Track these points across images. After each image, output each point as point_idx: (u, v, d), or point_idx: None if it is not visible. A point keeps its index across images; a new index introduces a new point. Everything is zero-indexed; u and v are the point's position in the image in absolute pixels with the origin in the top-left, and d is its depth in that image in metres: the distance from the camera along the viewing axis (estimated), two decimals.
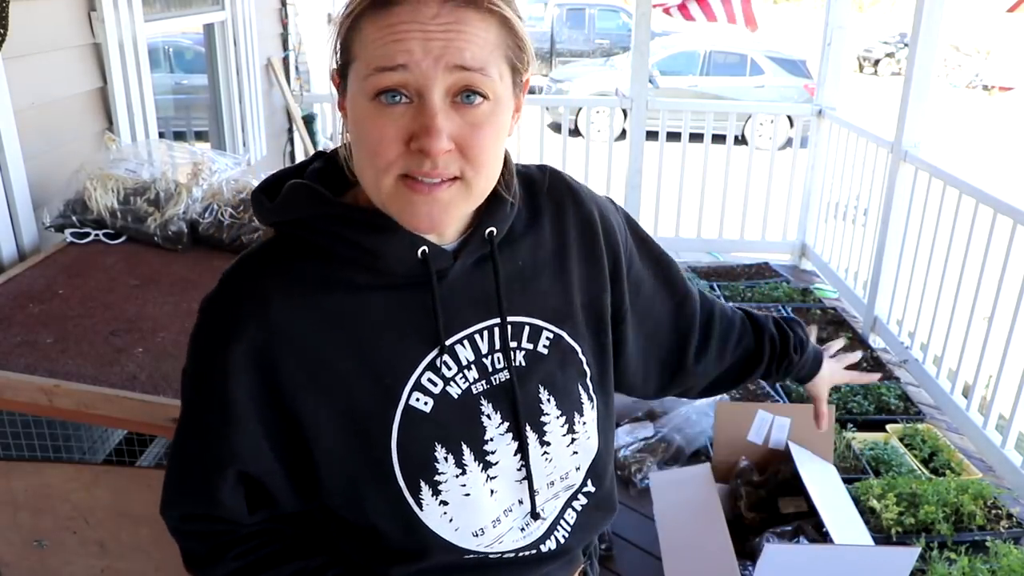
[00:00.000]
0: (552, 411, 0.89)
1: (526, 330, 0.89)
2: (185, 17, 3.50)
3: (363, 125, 0.75)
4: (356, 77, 0.75)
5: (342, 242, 0.80)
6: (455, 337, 0.85)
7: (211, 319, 0.82)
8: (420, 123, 0.72)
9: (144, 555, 1.66)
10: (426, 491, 0.83)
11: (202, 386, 0.83)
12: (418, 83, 0.72)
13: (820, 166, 4.54)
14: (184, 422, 0.87)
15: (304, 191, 0.82)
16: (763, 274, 4.39)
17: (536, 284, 0.90)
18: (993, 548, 2.15)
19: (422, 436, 0.83)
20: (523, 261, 0.89)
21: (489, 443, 0.86)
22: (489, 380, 0.86)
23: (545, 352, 0.90)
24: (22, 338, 1.68)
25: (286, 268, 0.82)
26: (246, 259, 0.84)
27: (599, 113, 9.55)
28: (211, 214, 2.25)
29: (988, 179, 3.39)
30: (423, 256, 0.81)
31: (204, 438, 0.84)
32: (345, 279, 0.81)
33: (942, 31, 3.35)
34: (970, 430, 2.90)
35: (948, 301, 3.16)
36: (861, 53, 19.33)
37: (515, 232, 0.89)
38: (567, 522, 0.95)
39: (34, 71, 2.26)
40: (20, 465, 1.64)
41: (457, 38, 0.72)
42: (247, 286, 0.82)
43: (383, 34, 0.72)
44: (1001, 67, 17.76)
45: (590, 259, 0.94)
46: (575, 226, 0.93)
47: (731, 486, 2.33)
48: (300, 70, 5.19)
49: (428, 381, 0.83)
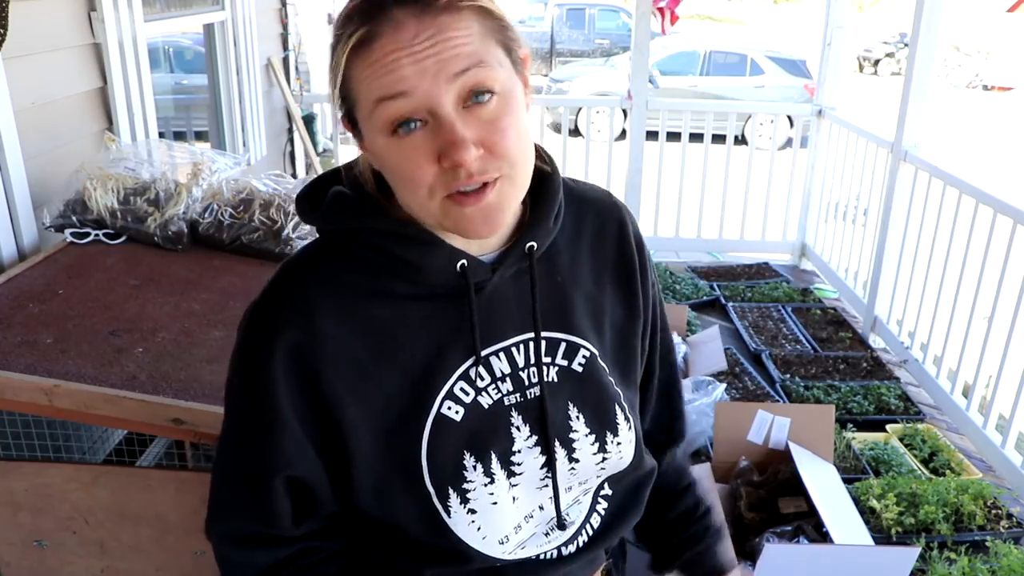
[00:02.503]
0: (581, 428, 0.89)
1: (562, 346, 0.89)
2: (185, 17, 3.50)
3: (391, 161, 0.76)
4: (365, 118, 0.77)
5: (384, 254, 0.82)
6: (491, 348, 0.85)
7: (258, 325, 0.83)
8: (443, 139, 0.73)
9: (144, 555, 1.66)
10: (454, 499, 0.83)
11: (250, 392, 0.83)
12: (425, 104, 0.72)
13: (820, 166, 4.54)
14: (230, 431, 0.86)
15: (347, 201, 0.83)
16: (763, 274, 4.39)
17: (575, 301, 0.90)
18: (993, 548, 2.15)
19: (452, 444, 0.83)
20: (562, 277, 0.90)
21: (516, 454, 0.86)
22: (524, 393, 0.87)
23: (580, 370, 0.90)
24: (22, 338, 1.67)
25: (330, 276, 0.83)
26: (291, 266, 0.86)
27: (599, 113, 9.55)
28: (211, 214, 2.25)
29: (988, 179, 3.39)
30: (462, 269, 0.82)
31: (253, 444, 0.84)
32: (385, 288, 0.83)
33: (942, 31, 3.35)
34: (970, 430, 2.90)
35: (948, 301, 3.15)
36: (861, 53, 19.33)
37: (556, 247, 0.90)
38: (591, 525, 0.94)
39: (34, 71, 2.26)
40: (20, 465, 1.64)
41: (444, 48, 0.72)
42: (292, 293, 0.83)
43: (374, 69, 0.73)
44: (1001, 67, 17.76)
45: (627, 287, 0.95)
46: (616, 253, 0.94)
47: (731, 486, 2.33)
48: (300, 70, 5.20)
49: (460, 391, 0.84)
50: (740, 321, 3.69)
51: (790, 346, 3.47)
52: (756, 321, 3.72)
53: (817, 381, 3.12)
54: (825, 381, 3.13)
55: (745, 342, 3.50)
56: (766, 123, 8.05)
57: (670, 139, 4.56)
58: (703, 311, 3.87)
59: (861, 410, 2.93)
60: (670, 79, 10.73)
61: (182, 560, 1.64)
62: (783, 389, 3.05)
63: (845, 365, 3.30)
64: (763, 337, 3.55)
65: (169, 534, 1.62)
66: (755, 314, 3.79)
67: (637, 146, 4.52)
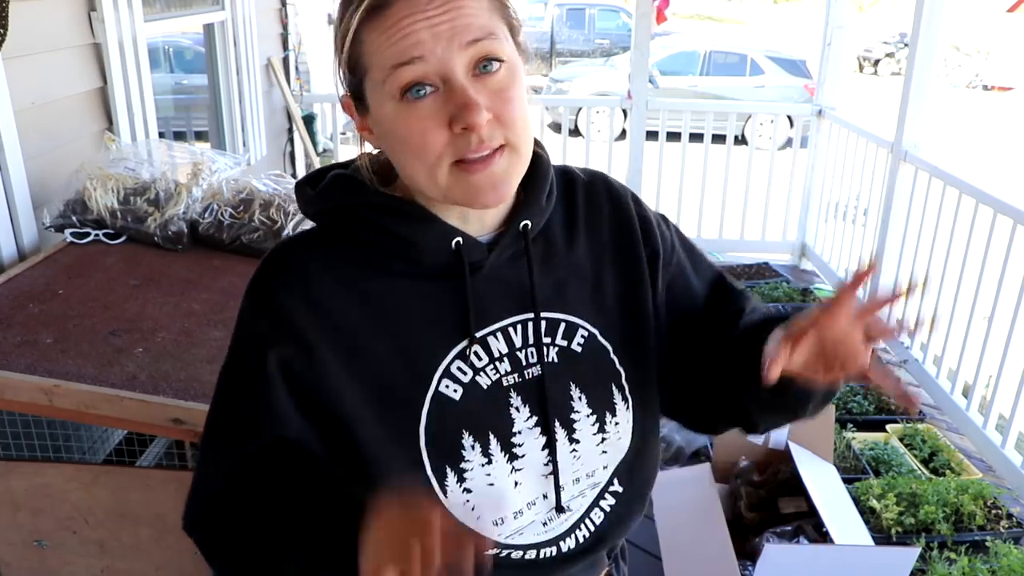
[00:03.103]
0: (583, 409, 0.89)
1: (561, 327, 0.89)
2: (185, 17, 3.50)
3: (400, 127, 0.76)
4: (375, 85, 0.76)
5: (380, 231, 0.82)
6: (488, 329, 0.85)
7: (255, 296, 0.84)
8: (455, 103, 0.74)
9: (144, 555, 1.66)
10: (451, 478, 0.83)
11: (239, 356, 0.85)
12: (439, 70, 0.74)
13: (820, 166, 4.54)
14: (216, 404, 0.86)
15: (346, 180, 0.85)
16: (763, 274, 4.39)
17: (572, 281, 0.90)
18: (993, 548, 2.15)
19: (450, 423, 0.83)
20: (558, 257, 0.90)
21: (517, 436, 0.86)
22: (522, 374, 0.87)
23: (579, 350, 0.90)
24: (22, 338, 1.67)
25: (327, 250, 0.84)
26: (289, 241, 0.87)
27: (599, 113, 9.55)
28: (211, 214, 2.25)
29: (988, 179, 3.39)
30: (456, 247, 0.82)
31: (240, 408, 0.84)
32: (382, 265, 0.83)
33: (942, 31, 3.35)
34: (970, 430, 2.90)
35: (948, 301, 3.16)
36: (861, 53, 19.32)
37: (552, 228, 0.90)
38: (592, 521, 0.94)
39: (34, 71, 2.26)
40: (20, 465, 1.64)
41: (459, 14, 0.73)
42: (288, 265, 0.84)
43: (389, 35, 0.73)
44: (1001, 67, 17.76)
45: (628, 258, 0.94)
46: (611, 224, 0.94)
47: (731, 486, 2.33)
48: (300, 70, 5.20)
49: (458, 370, 0.84)
50: None
51: None
52: None
53: None
54: None
55: None
56: (766, 123, 8.04)
57: (670, 139, 4.56)
58: None
59: (861, 410, 2.93)
60: (670, 79, 10.72)
61: (182, 560, 1.64)
62: None
63: None
64: None
65: (169, 534, 1.62)
66: None
67: (637, 146, 4.52)
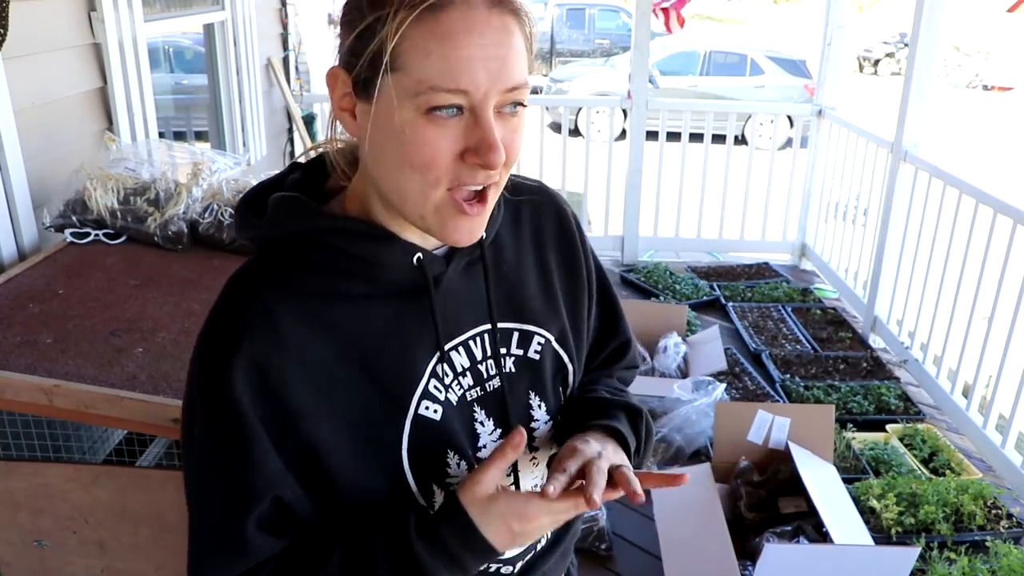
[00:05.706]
0: (542, 416, 0.90)
1: (515, 336, 0.89)
2: (185, 17, 3.50)
3: (412, 136, 0.72)
4: (403, 89, 0.71)
5: (338, 253, 0.79)
6: (452, 343, 0.85)
7: (212, 343, 0.77)
8: (478, 137, 0.72)
9: (144, 555, 1.66)
10: (439, 496, 0.83)
11: (215, 422, 0.77)
12: (475, 103, 0.72)
13: (820, 166, 4.54)
14: (201, 471, 0.79)
15: (293, 204, 0.80)
16: (763, 274, 4.40)
17: (523, 288, 0.91)
18: (993, 548, 2.15)
19: (432, 442, 0.82)
20: (507, 266, 0.90)
21: (483, 450, 0.86)
22: (484, 387, 0.87)
23: (536, 357, 0.90)
24: (22, 338, 1.67)
25: (284, 280, 0.79)
26: (240, 277, 0.80)
27: (599, 113, 9.55)
28: (211, 214, 2.25)
29: (988, 179, 3.39)
30: (418, 262, 0.80)
31: (230, 477, 0.77)
32: (343, 291, 0.79)
33: (942, 31, 3.35)
34: (970, 430, 2.90)
35: (948, 301, 3.16)
36: (861, 53, 19.33)
37: (501, 239, 0.90)
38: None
39: (34, 71, 2.26)
40: (20, 465, 1.64)
41: (509, 53, 0.72)
42: (247, 303, 0.78)
43: (443, 51, 0.70)
44: (1001, 67, 17.76)
45: (571, 265, 0.96)
46: (554, 230, 0.95)
47: (731, 486, 2.33)
48: (300, 70, 5.19)
49: (434, 388, 0.83)
50: (740, 321, 3.69)
51: (790, 346, 3.47)
52: (756, 321, 3.72)
53: (817, 381, 3.13)
54: (825, 381, 3.13)
55: (745, 342, 3.50)
56: (766, 123, 8.05)
57: (670, 139, 4.55)
58: (703, 311, 3.87)
59: (861, 410, 2.93)
60: (670, 79, 10.73)
61: (182, 560, 1.63)
62: (783, 389, 3.05)
63: (845, 365, 3.30)
64: (763, 337, 3.55)
65: (169, 534, 1.62)
66: (755, 314, 3.79)
67: (637, 146, 4.51)
